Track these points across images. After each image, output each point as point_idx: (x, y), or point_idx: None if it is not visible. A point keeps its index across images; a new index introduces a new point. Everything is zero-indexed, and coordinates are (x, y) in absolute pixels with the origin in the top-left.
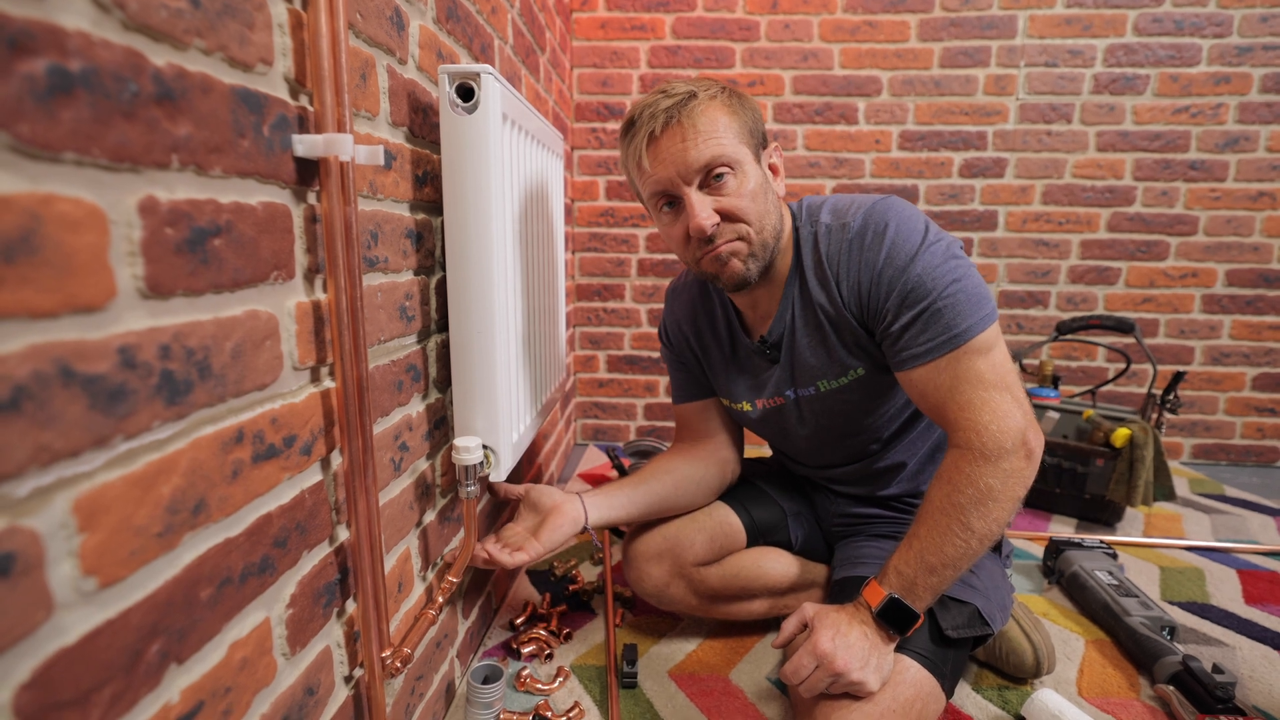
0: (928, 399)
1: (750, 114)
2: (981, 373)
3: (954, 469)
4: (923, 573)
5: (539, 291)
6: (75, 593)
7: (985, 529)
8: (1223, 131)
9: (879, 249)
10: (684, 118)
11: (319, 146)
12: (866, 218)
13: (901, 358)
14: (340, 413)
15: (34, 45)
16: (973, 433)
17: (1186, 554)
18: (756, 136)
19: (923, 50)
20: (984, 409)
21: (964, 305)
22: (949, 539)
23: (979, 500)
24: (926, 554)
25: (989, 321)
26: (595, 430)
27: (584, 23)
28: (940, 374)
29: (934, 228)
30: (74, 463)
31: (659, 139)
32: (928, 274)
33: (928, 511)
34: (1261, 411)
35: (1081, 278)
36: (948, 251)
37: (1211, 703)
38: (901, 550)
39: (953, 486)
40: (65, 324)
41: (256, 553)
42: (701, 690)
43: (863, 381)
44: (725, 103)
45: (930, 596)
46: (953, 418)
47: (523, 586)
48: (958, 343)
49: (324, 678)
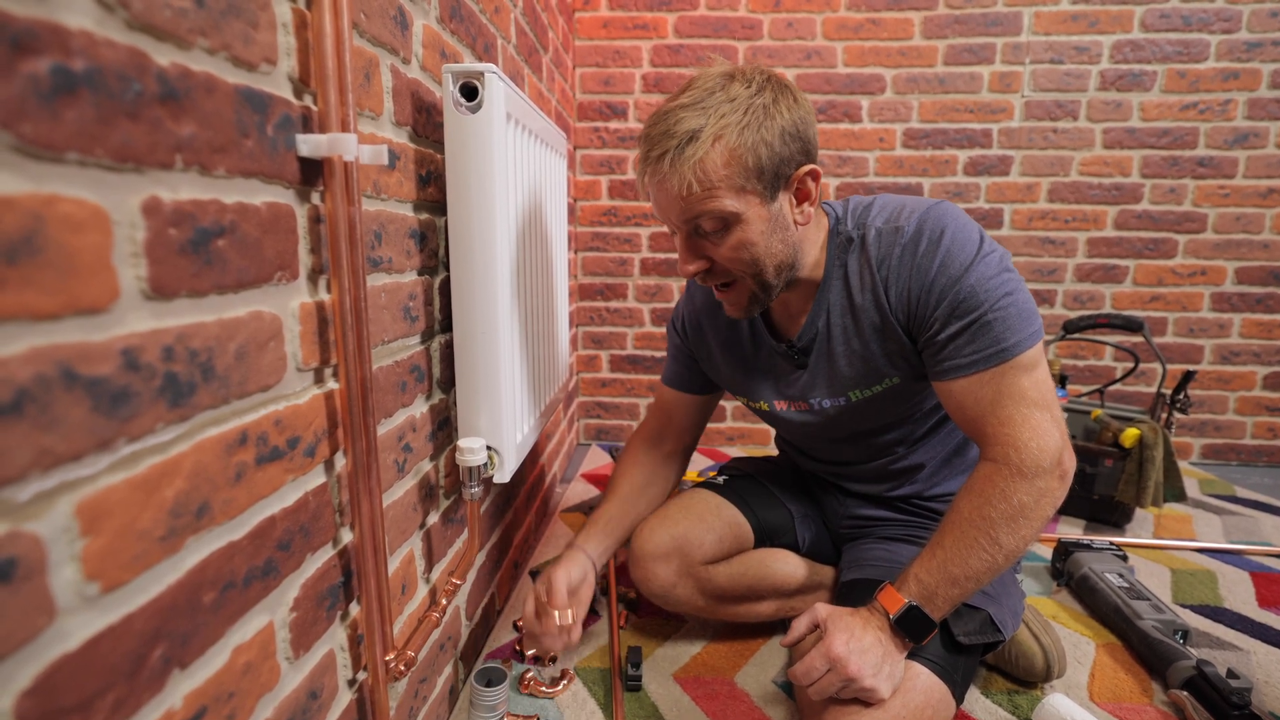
0: (966, 411)
1: (773, 140)
2: (1025, 389)
3: (987, 482)
4: (944, 583)
5: (542, 291)
6: (78, 598)
7: (1013, 545)
8: (1231, 128)
9: (933, 256)
10: (673, 170)
11: (323, 146)
12: (921, 223)
13: (944, 367)
14: (344, 414)
15: (37, 45)
16: (1011, 448)
17: (1198, 556)
18: (775, 168)
19: (927, 48)
20: (1024, 426)
21: (1014, 320)
22: (975, 552)
23: (1011, 516)
24: (950, 564)
25: (1036, 339)
26: (598, 430)
27: (586, 22)
28: (983, 387)
29: (988, 238)
30: (76, 466)
31: (651, 182)
32: (981, 285)
33: (955, 522)
34: (1273, 411)
35: (1088, 276)
36: (1001, 264)
37: (1227, 709)
38: (924, 559)
39: (984, 500)
40: (68, 326)
41: (260, 556)
42: (707, 693)
43: (896, 389)
44: (732, 143)
45: (948, 607)
46: (991, 432)
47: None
48: (1005, 357)
49: (327, 681)
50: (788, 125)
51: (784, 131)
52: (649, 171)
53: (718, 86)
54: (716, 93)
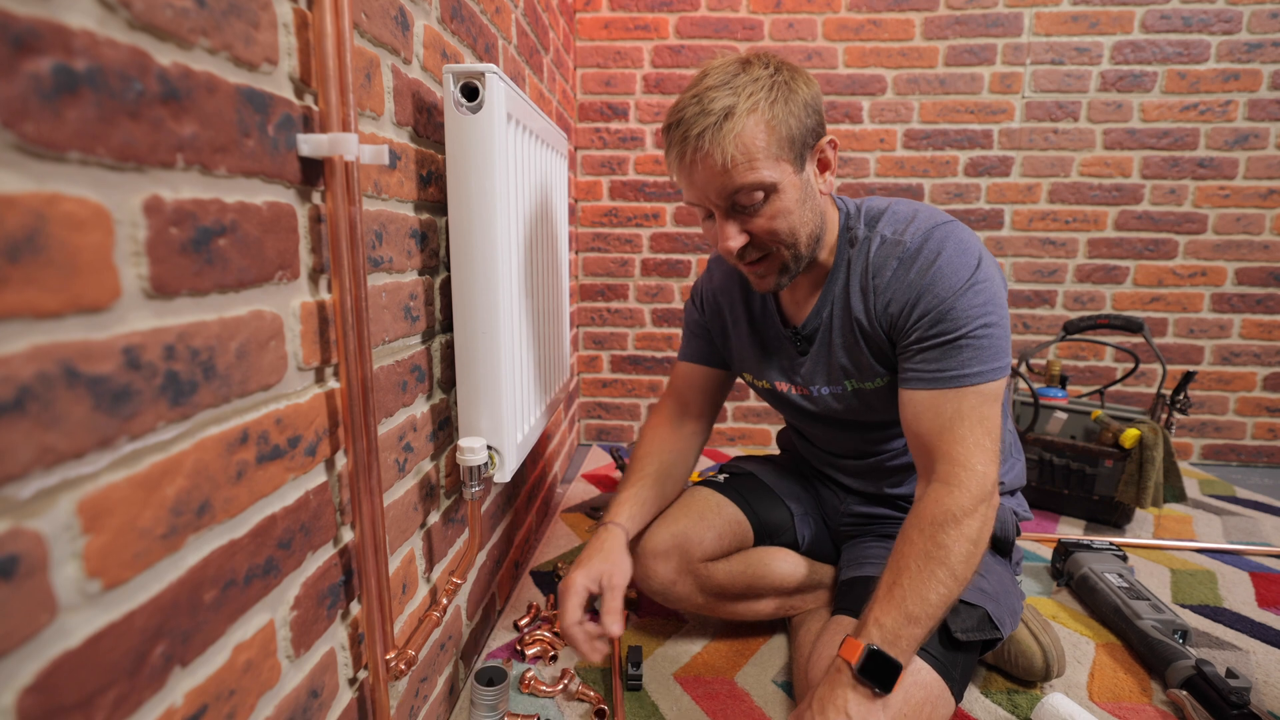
0: (922, 422)
1: (799, 112)
2: (985, 417)
3: (936, 506)
4: (905, 624)
5: (543, 292)
6: (79, 595)
7: (965, 573)
8: (1232, 129)
9: (924, 276)
10: (714, 144)
11: (324, 146)
12: (923, 241)
13: (908, 375)
14: (345, 413)
15: (39, 44)
16: (963, 469)
17: (1198, 556)
18: (802, 138)
19: (927, 49)
20: (977, 449)
21: (989, 350)
22: (933, 586)
23: (965, 542)
24: (909, 603)
25: (1003, 374)
26: (599, 430)
27: (587, 23)
28: (945, 403)
29: (986, 267)
30: (78, 464)
31: (689, 161)
32: (965, 310)
33: (908, 556)
34: (1273, 412)
35: (1089, 277)
36: (990, 295)
37: (1226, 708)
38: (880, 601)
39: (938, 527)
40: (70, 324)
41: (261, 554)
42: (707, 693)
43: (889, 387)
44: (766, 116)
45: (911, 649)
46: (945, 449)
47: (527, 588)
48: (967, 382)
49: (328, 680)
50: (808, 99)
51: (806, 104)
52: (690, 150)
53: (739, 70)
54: (740, 75)
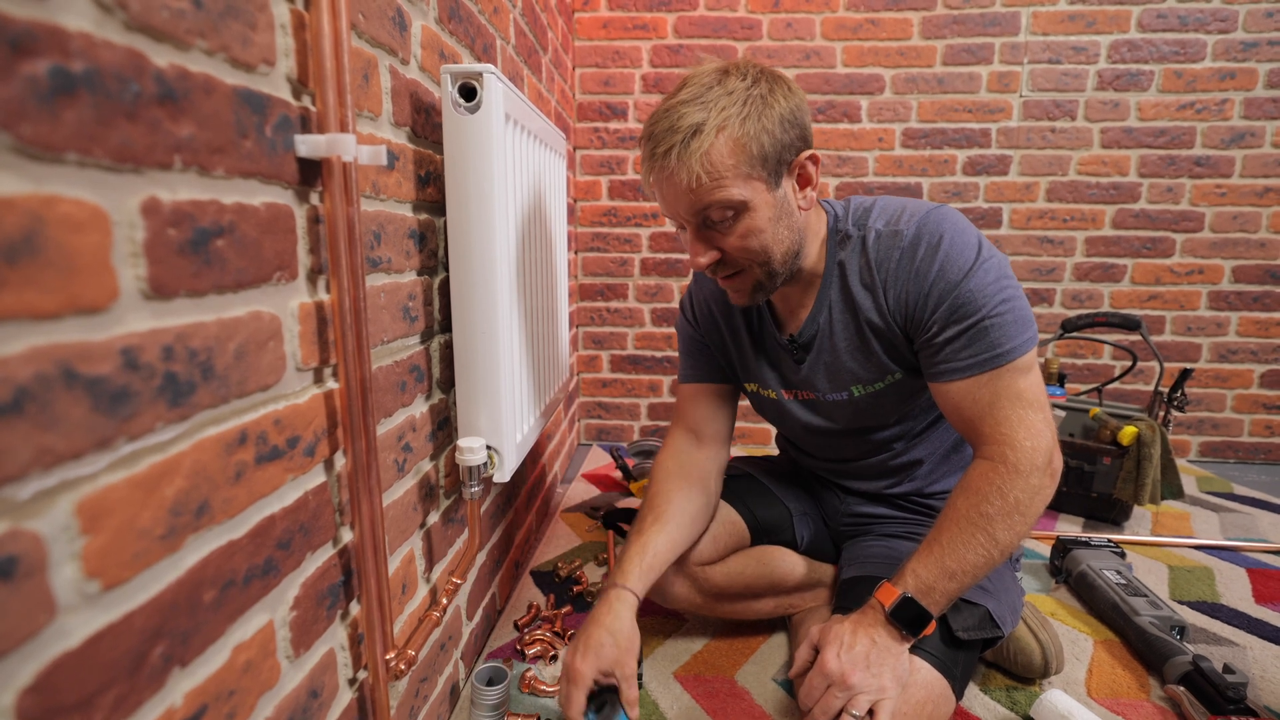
0: (962, 412)
1: (773, 128)
2: (1021, 390)
3: (983, 480)
4: (941, 578)
5: (542, 291)
6: (78, 596)
7: (1008, 541)
8: (1228, 127)
9: (931, 261)
10: (680, 163)
11: (321, 147)
12: (920, 228)
13: (941, 369)
14: (343, 414)
15: (36, 46)
16: (1008, 447)
17: (1195, 553)
18: (777, 155)
19: (925, 48)
20: (1020, 426)
21: (1011, 326)
22: (972, 547)
23: (1007, 513)
24: (947, 559)
25: (1032, 344)
26: (599, 430)
27: (586, 22)
28: (981, 389)
29: (986, 244)
30: (77, 465)
31: (657, 180)
32: (979, 291)
33: (951, 519)
34: (1270, 409)
35: (1086, 275)
36: (999, 270)
37: (1223, 703)
38: (920, 554)
39: (980, 497)
40: (68, 325)
41: (260, 555)
42: (707, 691)
43: (899, 384)
44: (735, 133)
45: (945, 602)
46: (988, 431)
47: (527, 588)
48: (1002, 361)
49: (328, 680)
50: (785, 113)
51: (782, 119)
52: (656, 168)
53: (714, 81)
54: (714, 88)
